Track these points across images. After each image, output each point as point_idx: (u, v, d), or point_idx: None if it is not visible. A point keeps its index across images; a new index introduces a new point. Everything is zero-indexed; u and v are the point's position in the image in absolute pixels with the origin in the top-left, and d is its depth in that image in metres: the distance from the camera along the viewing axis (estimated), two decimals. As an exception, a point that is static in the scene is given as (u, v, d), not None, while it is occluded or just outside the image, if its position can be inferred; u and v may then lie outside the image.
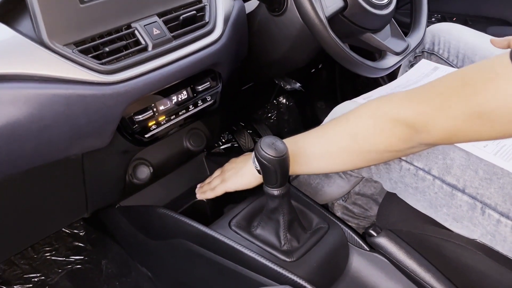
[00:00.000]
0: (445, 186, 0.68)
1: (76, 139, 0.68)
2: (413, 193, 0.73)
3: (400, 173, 0.73)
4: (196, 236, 0.79)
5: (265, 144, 0.67)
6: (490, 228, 0.64)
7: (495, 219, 0.63)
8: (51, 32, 0.62)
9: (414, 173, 0.71)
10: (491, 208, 0.64)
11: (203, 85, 0.82)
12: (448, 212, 0.69)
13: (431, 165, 0.69)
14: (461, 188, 0.66)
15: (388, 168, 0.75)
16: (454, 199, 0.67)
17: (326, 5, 0.78)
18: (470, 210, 0.66)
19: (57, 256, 1.17)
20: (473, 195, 0.65)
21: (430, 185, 0.70)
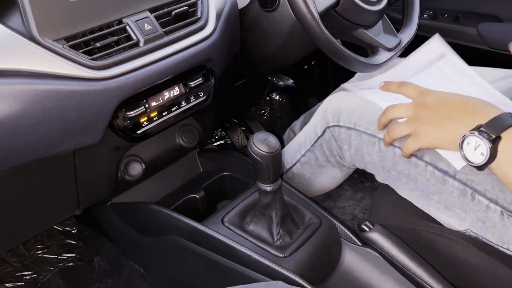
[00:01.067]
0: (437, 172, 0.68)
1: (67, 135, 0.67)
2: (405, 181, 0.73)
3: (393, 160, 0.74)
4: (188, 232, 0.79)
5: (258, 140, 0.67)
6: (480, 214, 0.65)
7: (485, 205, 0.64)
8: (41, 27, 0.61)
9: (407, 160, 0.71)
10: (481, 194, 0.64)
11: (195, 81, 0.82)
12: (440, 200, 0.69)
13: (423, 151, 0.69)
14: (452, 174, 0.67)
15: (382, 156, 0.75)
16: (445, 185, 0.68)
17: (319, 1, 0.77)
18: (461, 196, 0.66)
19: (49, 254, 1.17)
20: (463, 181, 0.66)
21: (422, 171, 0.70)
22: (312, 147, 0.89)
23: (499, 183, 0.63)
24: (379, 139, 0.75)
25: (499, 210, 0.63)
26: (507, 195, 0.62)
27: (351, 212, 1.26)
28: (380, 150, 0.75)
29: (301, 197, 0.83)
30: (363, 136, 0.77)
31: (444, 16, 1.22)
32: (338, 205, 1.28)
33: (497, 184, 0.63)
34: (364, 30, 0.87)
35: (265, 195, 0.72)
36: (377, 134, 0.75)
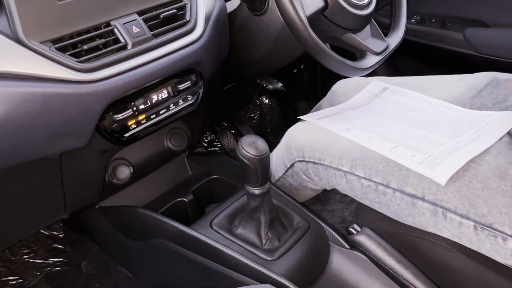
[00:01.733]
0: (406, 197, 0.69)
1: (53, 139, 0.67)
2: (378, 207, 0.75)
3: (362, 190, 0.75)
4: (176, 236, 0.79)
5: (246, 143, 0.67)
6: (454, 231, 0.66)
7: (457, 222, 0.65)
8: (27, 29, 0.61)
9: (374, 189, 0.72)
10: (452, 212, 0.65)
11: (184, 84, 0.82)
12: (413, 221, 0.70)
13: (389, 179, 0.70)
14: (420, 197, 0.67)
15: (351, 187, 0.76)
16: (416, 208, 0.68)
17: (307, 5, 0.78)
18: (433, 216, 0.67)
19: (36, 259, 1.15)
20: (432, 201, 0.66)
21: (391, 198, 0.71)
22: (284, 175, 0.90)
23: (468, 198, 0.64)
24: (345, 172, 0.76)
25: (472, 224, 0.64)
26: (477, 209, 0.63)
27: (340, 215, 1.27)
28: (347, 181, 0.76)
29: (289, 200, 0.83)
30: (329, 169, 0.78)
31: (431, 21, 1.24)
32: (327, 208, 1.28)
33: (466, 200, 0.64)
34: (352, 34, 0.88)
35: (253, 198, 0.72)
36: (342, 167, 0.76)
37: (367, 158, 0.73)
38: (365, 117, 0.83)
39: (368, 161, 0.72)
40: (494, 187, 0.62)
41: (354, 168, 0.74)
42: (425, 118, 0.79)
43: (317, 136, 0.81)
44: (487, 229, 0.62)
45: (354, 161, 0.74)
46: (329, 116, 0.86)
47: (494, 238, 0.62)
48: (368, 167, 0.72)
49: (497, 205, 0.62)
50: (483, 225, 0.63)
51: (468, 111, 0.78)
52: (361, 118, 0.82)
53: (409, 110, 0.83)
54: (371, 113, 0.86)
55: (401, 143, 0.71)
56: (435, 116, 0.79)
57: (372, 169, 0.72)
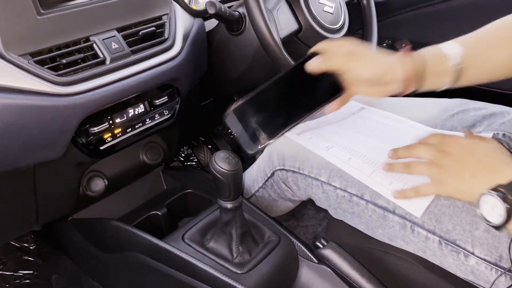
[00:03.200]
0: (377, 209, 0.72)
1: (28, 150, 0.67)
2: (351, 218, 0.77)
3: (337, 200, 0.78)
4: (149, 249, 0.80)
5: (219, 158, 0.69)
6: (420, 244, 0.69)
7: (424, 236, 0.68)
8: (6, 42, 0.62)
9: (349, 199, 0.75)
10: (419, 226, 0.68)
11: (160, 100, 0.84)
12: (383, 233, 0.73)
13: (363, 191, 0.73)
14: (391, 210, 0.71)
15: (326, 196, 0.79)
16: (386, 220, 0.71)
17: (281, 27, 0.81)
18: (401, 229, 0.70)
19: (5, 271, 1.13)
20: (402, 215, 0.70)
21: (364, 209, 0.74)
22: (264, 185, 0.92)
23: (435, 214, 0.67)
24: (322, 182, 0.79)
25: (437, 240, 0.67)
26: (443, 225, 0.66)
27: (313, 231, 1.29)
28: (324, 191, 0.79)
29: (261, 215, 0.85)
30: (307, 179, 0.81)
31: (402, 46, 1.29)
32: (301, 224, 1.30)
33: (433, 216, 0.67)
34: (324, 56, 0.92)
35: (225, 212, 0.74)
36: (319, 177, 0.79)
37: (344, 170, 0.75)
38: (344, 132, 0.86)
39: (345, 173, 0.75)
40: (460, 205, 0.65)
41: (331, 178, 0.77)
42: (399, 137, 0.82)
43: (298, 148, 0.84)
44: (451, 245, 0.66)
45: (332, 172, 0.77)
46: (309, 131, 0.88)
47: (457, 254, 0.65)
48: (345, 178, 0.75)
49: (461, 223, 0.65)
50: (447, 240, 0.66)
51: (439, 131, 0.82)
52: (340, 134, 0.85)
53: (385, 128, 0.86)
54: (349, 128, 0.88)
55: (379, 165, 0.73)
56: (407, 135, 0.82)
57: (348, 181, 0.74)
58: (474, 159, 0.62)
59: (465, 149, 0.64)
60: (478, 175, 0.61)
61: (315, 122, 0.95)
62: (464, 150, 0.63)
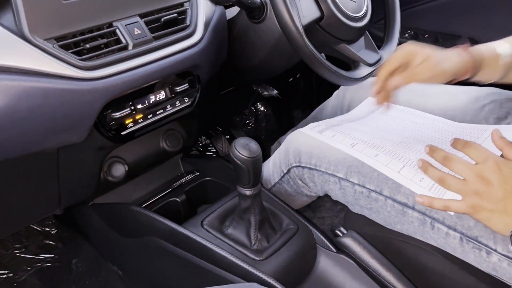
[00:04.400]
0: (396, 205, 0.71)
1: (51, 133, 0.68)
2: (369, 214, 0.77)
3: (355, 196, 0.77)
4: (168, 234, 0.80)
5: (240, 145, 0.69)
6: (440, 241, 0.68)
7: (444, 233, 0.67)
8: (32, 26, 0.63)
9: (367, 195, 0.75)
10: (439, 222, 0.67)
11: (181, 87, 0.84)
12: (401, 229, 0.73)
13: (382, 186, 0.72)
14: (411, 206, 0.70)
15: (343, 193, 0.79)
16: (405, 216, 0.71)
17: (303, 15, 0.81)
18: (421, 225, 0.69)
19: (27, 254, 1.16)
20: (422, 211, 0.69)
21: (382, 205, 0.73)
22: (280, 181, 0.92)
23: None
24: (340, 178, 0.78)
25: (458, 236, 0.66)
26: (464, 222, 0.65)
27: (329, 222, 1.28)
28: (341, 187, 0.79)
29: (280, 204, 0.85)
30: (324, 175, 0.81)
31: (425, 36, 1.27)
32: (317, 215, 1.30)
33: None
34: (346, 45, 0.91)
35: (244, 199, 0.74)
36: (337, 173, 0.78)
37: (362, 165, 0.75)
38: (366, 129, 0.85)
39: (363, 168, 0.74)
40: None
41: (348, 174, 0.76)
42: (425, 133, 0.81)
43: (315, 143, 0.84)
44: (473, 241, 0.64)
45: (350, 168, 0.76)
46: (330, 129, 0.87)
47: (479, 251, 0.64)
48: (363, 174, 0.74)
49: None
50: (469, 237, 0.65)
51: (465, 125, 0.80)
52: (362, 131, 0.84)
53: (409, 125, 0.85)
54: (371, 125, 0.87)
55: (408, 161, 0.72)
56: (435, 132, 0.81)
57: (367, 176, 0.74)
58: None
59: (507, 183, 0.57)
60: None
61: (335, 120, 0.94)
62: (505, 184, 0.57)
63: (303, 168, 0.85)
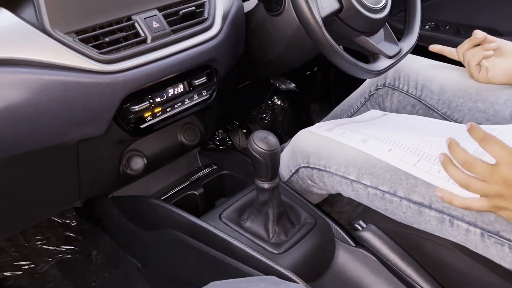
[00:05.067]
0: (412, 205, 0.70)
1: (72, 126, 0.69)
2: (383, 214, 0.75)
3: (368, 197, 0.76)
4: (187, 227, 0.81)
5: (258, 138, 0.69)
6: (460, 238, 0.67)
7: (464, 229, 0.65)
8: (53, 20, 0.64)
9: (381, 197, 0.73)
10: (459, 219, 0.65)
11: (199, 80, 0.84)
12: (419, 227, 0.71)
13: (396, 187, 0.71)
14: (427, 205, 0.68)
15: (356, 194, 0.77)
16: (422, 216, 0.69)
17: (322, 6, 0.80)
18: (439, 224, 0.68)
19: (48, 245, 1.18)
20: (439, 209, 0.67)
21: (398, 206, 0.72)
22: (290, 180, 0.92)
23: None
24: (351, 180, 0.76)
25: (479, 232, 0.64)
26: (485, 217, 0.63)
27: (347, 217, 1.27)
28: (353, 189, 0.77)
29: (298, 198, 0.85)
30: (334, 177, 0.79)
31: (446, 28, 1.25)
32: (335, 210, 1.29)
33: None
34: (365, 37, 0.90)
35: (262, 193, 0.74)
36: (348, 175, 0.76)
37: (373, 167, 0.73)
38: (376, 127, 0.84)
39: (375, 169, 0.73)
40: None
41: (360, 177, 0.75)
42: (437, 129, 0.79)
43: (323, 142, 0.82)
44: (494, 236, 0.63)
45: (361, 170, 0.75)
46: (339, 126, 0.86)
47: (501, 246, 0.63)
48: (375, 175, 0.73)
49: None
50: (490, 232, 0.63)
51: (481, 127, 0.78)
52: (374, 128, 0.83)
53: (416, 125, 0.84)
54: (380, 125, 0.86)
55: (423, 153, 0.70)
56: (443, 128, 0.80)
57: (379, 178, 0.72)
58: None
59: None
60: None
61: (342, 121, 0.93)
62: None
63: (312, 169, 0.84)
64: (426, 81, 0.99)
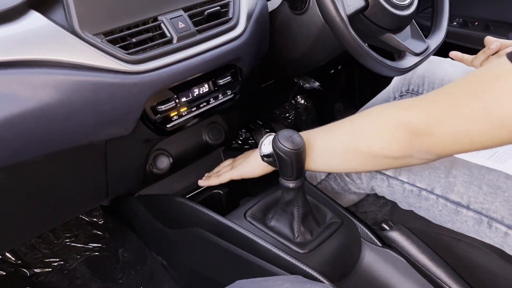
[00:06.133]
0: (449, 204, 0.68)
1: (100, 125, 0.71)
2: (417, 211, 0.74)
3: (404, 194, 0.75)
4: (212, 225, 0.81)
5: (283, 137, 0.69)
6: (498, 239, 0.65)
7: (503, 232, 0.64)
8: (82, 21, 0.65)
9: (417, 194, 0.72)
10: (498, 222, 0.64)
11: (224, 79, 0.85)
12: (453, 227, 0.70)
13: (433, 185, 0.69)
14: (465, 205, 0.67)
15: (391, 190, 0.76)
16: (459, 216, 0.68)
17: (348, 4, 0.79)
18: (476, 224, 0.66)
19: (76, 243, 1.21)
20: (478, 210, 0.66)
21: (434, 203, 0.70)
22: (327, 178, 0.91)
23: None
24: (388, 176, 0.76)
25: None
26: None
27: (373, 217, 1.26)
28: (389, 185, 0.76)
29: (323, 197, 0.84)
30: (372, 172, 0.79)
31: (474, 24, 1.22)
32: (359, 210, 1.28)
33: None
34: (391, 34, 0.88)
35: (287, 192, 0.74)
36: (385, 171, 0.75)
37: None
38: None
39: (413, 166, 0.72)
40: None
41: (397, 173, 0.74)
42: None
43: None
44: None
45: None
46: None
47: None
48: (413, 172, 0.72)
49: None
50: None
51: None
52: None
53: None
54: None
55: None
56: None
57: (417, 175, 0.71)
58: (250, 151, 0.86)
59: (247, 152, 0.92)
60: (252, 152, 0.84)
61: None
62: (246, 152, 0.91)
63: None
64: None
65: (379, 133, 0.62)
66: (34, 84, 0.61)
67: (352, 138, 0.67)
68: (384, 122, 0.61)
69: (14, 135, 0.61)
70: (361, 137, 0.65)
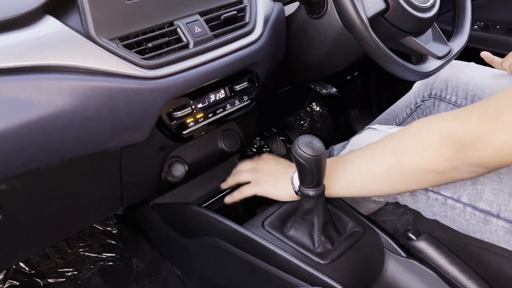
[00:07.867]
0: (478, 213, 0.65)
1: (116, 132, 0.69)
2: (442, 221, 0.71)
3: (428, 203, 0.72)
4: (229, 234, 0.79)
5: (303, 143, 0.66)
6: None
7: None
8: (98, 27, 0.64)
9: (442, 202, 0.69)
10: None
11: (240, 85, 0.83)
12: (482, 237, 0.67)
13: (460, 193, 0.67)
14: (495, 213, 0.64)
15: (414, 199, 0.74)
16: (488, 225, 0.65)
17: (368, 6, 0.77)
18: (507, 234, 0.63)
19: (90, 252, 1.20)
20: (509, 219, 0.63)
21: (460, 212, 0.68)
22: None
23: None
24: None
25: None
26: None
27: (392, 226, 1.23)
28: (412, 194, 0.74)
29: (343, 205, 0.81)
30: None
31: (496, 28, 1.19)
32: (378, 219, 1.25)
33: None
34: (413, 37, 0.86)
35: (307, 200, 0.72)
36: None
37: None
38: None
39: None
40: None
41: None
42: None
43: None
44: None
45: None
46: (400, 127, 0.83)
47: None
48: None
49: None
50: None
51: None
52: None
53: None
54: None
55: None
56: None
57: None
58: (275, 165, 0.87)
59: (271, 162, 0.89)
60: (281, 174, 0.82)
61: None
62: (270, 163, 0.88)
63: None
64: (477, 91, 0.93)
65: (422, 148, 0.61)
66: (49, 89, 0.60)
67: (394, 158, 0.65)
68: (426, 137, 0.61)
69: (28, 141, 0.60)
70: (404, 155, 0.64)
